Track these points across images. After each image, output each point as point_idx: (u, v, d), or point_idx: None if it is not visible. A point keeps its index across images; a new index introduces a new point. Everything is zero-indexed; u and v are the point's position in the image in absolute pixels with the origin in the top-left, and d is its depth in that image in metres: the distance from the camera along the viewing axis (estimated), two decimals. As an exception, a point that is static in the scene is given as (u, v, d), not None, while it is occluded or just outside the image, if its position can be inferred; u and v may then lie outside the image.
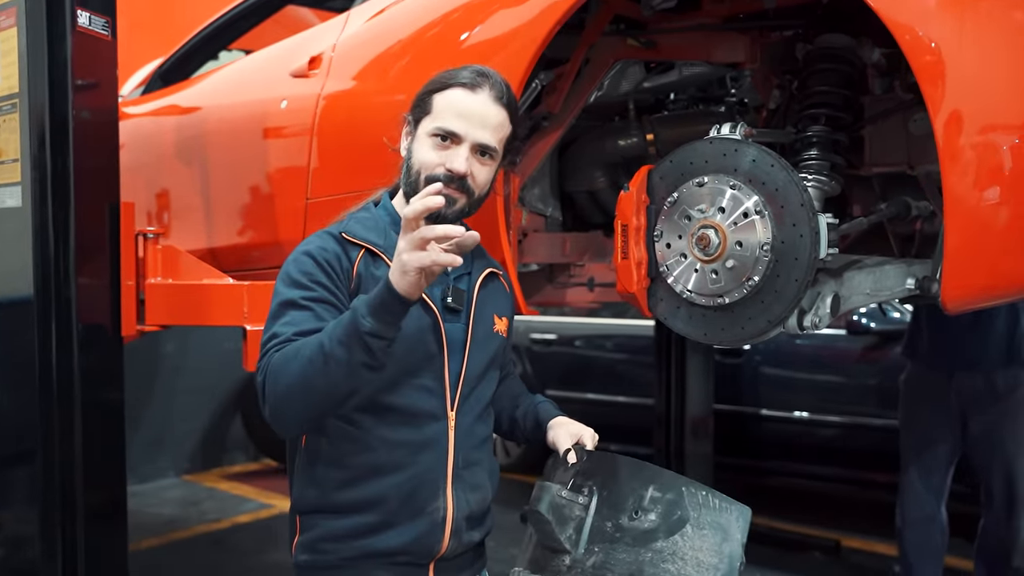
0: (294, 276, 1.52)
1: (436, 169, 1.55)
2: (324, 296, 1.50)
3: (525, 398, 1.84)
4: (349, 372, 1.38)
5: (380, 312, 1.35)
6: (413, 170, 1.58)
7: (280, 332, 1.46)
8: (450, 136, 1.55)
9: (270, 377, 1.43)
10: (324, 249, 1.54)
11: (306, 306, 1.48)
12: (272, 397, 1.44)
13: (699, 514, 1.52)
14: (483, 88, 1.57)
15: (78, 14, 2.30)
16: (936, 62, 1.51)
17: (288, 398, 1.43)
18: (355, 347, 1.36)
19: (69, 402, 2.32)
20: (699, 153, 1.75)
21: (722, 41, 2.10)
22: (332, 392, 1.42)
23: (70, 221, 2.31)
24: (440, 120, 1.55)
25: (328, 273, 1.51)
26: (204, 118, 3.21)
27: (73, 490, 2.33)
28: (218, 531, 4.99)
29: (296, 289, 1.51)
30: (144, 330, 2.64)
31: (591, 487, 1.55)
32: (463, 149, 1.55)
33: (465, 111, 1.55)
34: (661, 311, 1.84)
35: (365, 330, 1.35)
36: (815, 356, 4.73)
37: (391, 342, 1.39)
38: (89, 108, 2.35)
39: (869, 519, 4.78)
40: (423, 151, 1.57)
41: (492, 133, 1.57)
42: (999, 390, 3.27)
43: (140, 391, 5.87)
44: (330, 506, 1.56)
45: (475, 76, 1.58)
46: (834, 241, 1.68)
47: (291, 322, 1.47)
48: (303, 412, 1.46)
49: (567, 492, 1.54)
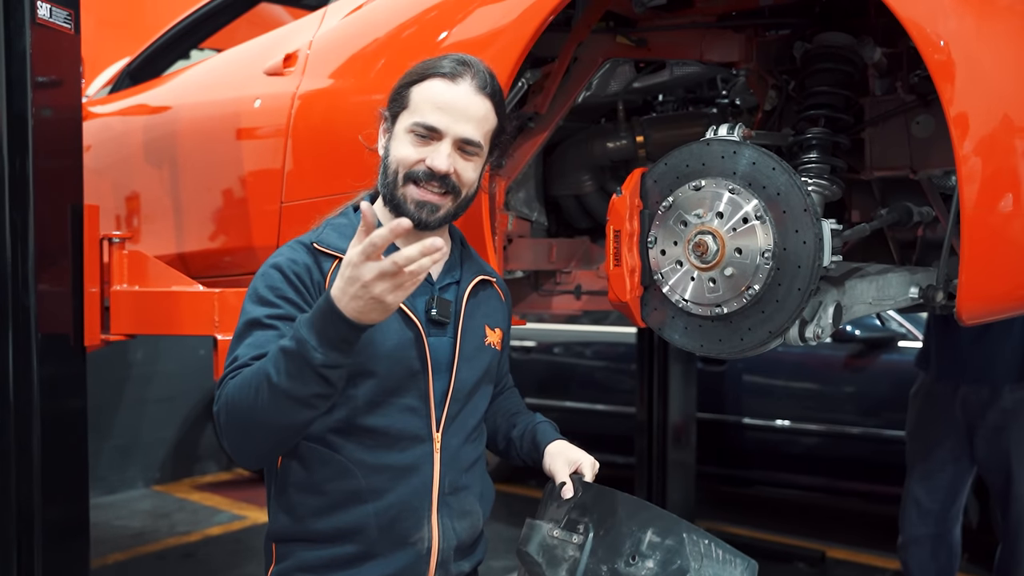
0: (260, 292, 1.43)
1: (416, 167, 1.45)
2: (290, 313, 1.40)
3: (523, 416, 1.73)
4: (305, 404, 1.30)
5: (333, 341, 1.25)
6: (391, 169, 1.48)
7: (241, 355, 1.38)
8: (430, 131, 1.45)
9: (223, 411, 1.36)
10: (294, 262, 1.45)
11: (270, 325, 1.39)
12: (228, 433, 1.37)
13: (700, 565, 1.41)
14: (464, 78, 1.47)
15: (38, 6, 2.20)
16: (952, 60, 1.44)
17: (244, 436, 1.36)
18: (309, 381, 1.27)
19: (27, 414, 2.23)
20: (696, 155, 1.68)
21: (716, 40, 2.04)
22: (289, 425, 1.34)
23: (29, 224, 2.22)
24: (418, 114, 1.45)
25: (297, 288, 1.42)
26: (174, 117, 3.10)
27: (31, 506, 2.24)
28: (189, 544, 4.87)
29: (261, 306, 1.42)
30: (109, 339, 2.52)
31: (587, 524, 1.46)
32: (444, 145, 1.45)
33: (445, 103, 1.45)
34: (655, 321, 1.76)
35: (319, 363, 1.26)
36: (799, 364, 4.68)
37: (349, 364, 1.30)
38: (50, 105, 2.26)
39: (855, 529, 4.75)
40: (401, 148, 1.47)
41: (476, 126, 1.47)
42: (1006, 405, 3.13)
43: (109, 399, 5.77)
44: (306, 535, 1.45)
45: (455, 65, 1.47)
46: (838, 248, 1.62)
47: (254, 344, 1.38)
48: (262, 448, 1.39)
49: (560, 531, 1.45)
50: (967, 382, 3.20)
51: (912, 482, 3.32)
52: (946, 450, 3.24)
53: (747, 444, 4.85)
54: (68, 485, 2.35)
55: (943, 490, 3.25)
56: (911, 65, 1.85)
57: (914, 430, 3.38)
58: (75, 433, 2.36)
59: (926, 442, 3.30)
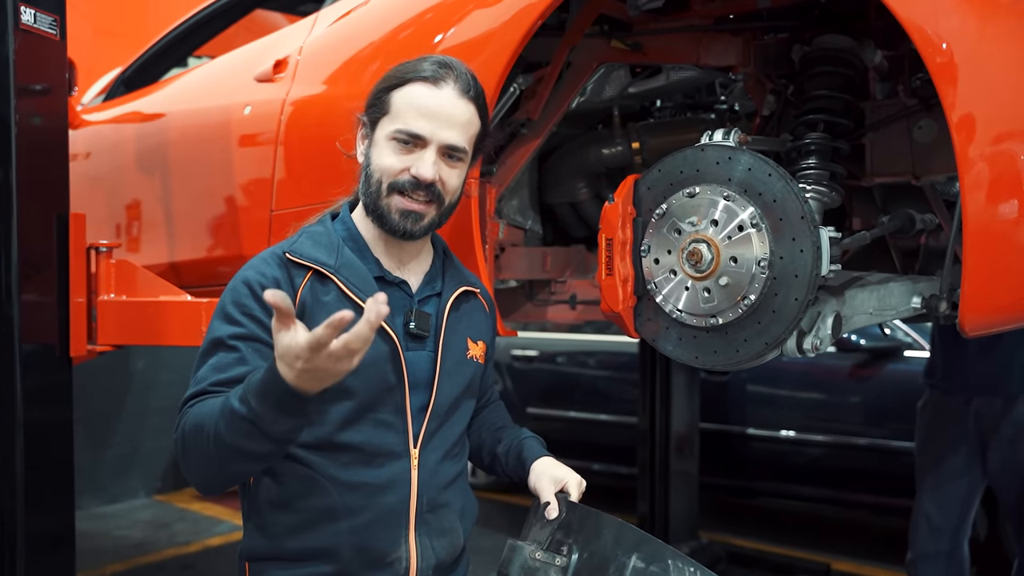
0: (227, 309, 1.39)
1: (400, 176, 1.40)
2: (254, 333, 1.36)
3: (508, 431, 1.67)
4: (258, 459, 1.29)
5: (288, 411, 1.21)
6: (374, 178, 1.43)
7: (203, 378, 1.35)
8: (414, 139, 1.40)
9: (180, 445, 1.34)
10: (263, 275, 1.40)
11: (233, 346, 1.36)
12: (186, 468, 1.35)
13: None
14: (447, 82, 1.42)
15: (21, 11, 2.17)
16: (954, 62, 1.39)
17: (204, 477, 1.34)
18: (261, 441, 1.23)
19: (9, 425, 2.20)
20: (690, 161, 1.64)
21: (713, 43, 2.00)
22: (243, 471, 1.34)
23: (12, 234, 2.19)
24: (401, 121, 1.41)
25: (263, 304, 1.36)
26: (165, 125, 3.06)
27: (13, 518, 2.20)
28: (188, 555, 4.83)
29: (226, 324, 1.38)
30: (96, 350, 2.47)
31: (571, 546, 1.41)
32: (429, 153, 1.40)
33: (428, 109, 1.40)
34: (648, 332, 1.71)
35: (278, 434, 1.23)
36: (803, 374, 4.62)
37: (307, 418, 1.27)
38: (34, 112, 2.23)
39: (860, 542, 4.69)
40: (383, 157, 1.42)
41: (460, 132, 1.42)
42: (1021, 418, 3.05)
43: (111, 408, 5.75)
44: (279, 553, 1.41)
45: (437, 68, 1.42)
46: (836, 256, 1.57)
47: (216, 366, 1.35)
48: (222, 485, 1.36)
49: (542, 553, 1.41)
50: (979, 394, 3.12)
51: (923, 497, 3.24)
52: (957, 464, 3.16)
53: (751, 455, 4.79)
54: (52, 496, 2.31)
55: (954, 505, 3.17)
56: (913, 68, 1.80)
57: (923, 444, 3.30)
58: (60, 444, 2.32)
59: (936, 456, 3.22)
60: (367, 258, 1.46)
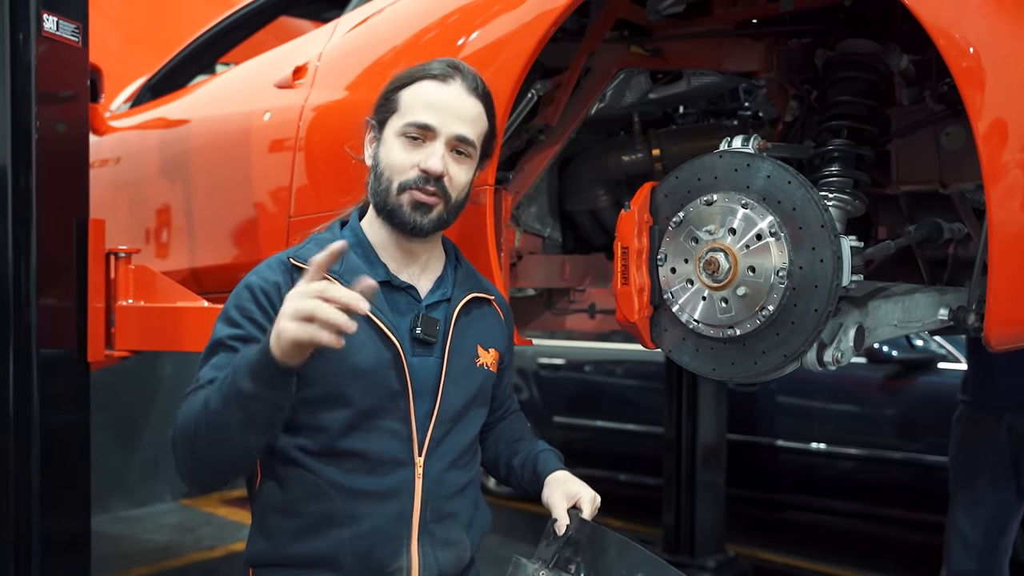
0: (229, 311, 1.41)
1: (409, 172, 1.40)
2: (253, 335, 1.36)
3: (526, 444, 1.65)
4: (241, 430, 1.27)
5: (260, 375, 1.22)
6: (383, 177, 1.43)
7: (202, 377, 1.36)
8: (423, 131, 1.41)
9: (172, 432, 1.34)
10: (265, 280, 1.41)
11: (232, 347, 1.36)
12: (179, 459, 1.34)
13: None
14: (455, 79, 1.44)
15: (44, 18, 2.18)
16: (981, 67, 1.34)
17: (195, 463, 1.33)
18: (236, 408, 1.24)
19: (27, 429, 2.20)
20: (708, 168, 1.59)
21: (734, 48, 1.96)
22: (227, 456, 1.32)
23: (32, 239, 2.20)
24: (410, 115, 1.42)
25: (264, 308, 1.38)
26: (187, 131, 3.08)
27: (29, 521, 2.21)
28: (212, 560, 4.86)
29: (227, 327, 1.40)
30: (114, 356, 2.48)
31: (579, 564, 1.39)
32: (438, 145, 1.41)
33: (437, 103, 1.42)
34: (665, 343, 1.67)
35: (247, 393, 1.22)
36: (834, 385, 4.53)
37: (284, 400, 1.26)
38: (55, 119, 2.24)
39: (892, 558, 4.60)
40: (392, 154, 1.42)
41: (469, 126, 1.43)
42: None
43: (138, 412, 5.80)
44: (281, 559, 1.40)
45: (445, 67, 1.45)
46: (858, 267, 1.52)
47: (215, 365, 1.36)
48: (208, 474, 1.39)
49: (547, 572, 1.37)
50: (1011, 408, 3.03)
51: (956, 513, 3.15)
52: (990, 479, 3.07)
53: (780, 467, 4.72)
54: (68, 500, 2.32)
55: (988, 521, 3.07)
56: (940, 73, 1.74)
57: (956, 458, 3.22)
58: (77, 448, 2.33)
59: (968, 471, 3.13)
60: (374, 264, 1.46)
